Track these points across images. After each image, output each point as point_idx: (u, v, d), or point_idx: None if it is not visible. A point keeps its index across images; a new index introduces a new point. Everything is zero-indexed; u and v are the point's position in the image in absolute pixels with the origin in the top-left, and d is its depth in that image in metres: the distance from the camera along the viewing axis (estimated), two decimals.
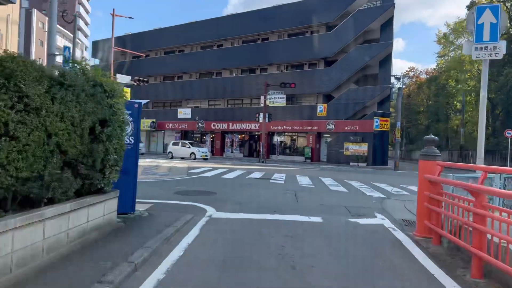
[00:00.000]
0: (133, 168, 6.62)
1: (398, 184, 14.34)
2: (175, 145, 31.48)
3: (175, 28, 43.84)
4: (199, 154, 28.92)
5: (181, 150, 30.30)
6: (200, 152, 29.11)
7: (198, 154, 28.91)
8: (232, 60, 39.32)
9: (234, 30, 39.31)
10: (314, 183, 13.47)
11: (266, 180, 13.61)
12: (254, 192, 10.22)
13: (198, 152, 29.08)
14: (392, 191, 11.94)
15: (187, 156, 29.38)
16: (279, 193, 10.17)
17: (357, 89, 32.10)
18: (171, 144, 32.11)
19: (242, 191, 10.38)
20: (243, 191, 10.37)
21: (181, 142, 31.73)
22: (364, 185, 13.40)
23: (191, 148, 29.83)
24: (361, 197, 10.26)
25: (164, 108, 45.79)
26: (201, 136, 42.20)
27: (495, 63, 34.47)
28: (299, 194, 10.08)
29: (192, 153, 29.26)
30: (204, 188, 10.66)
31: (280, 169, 21.15)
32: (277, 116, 34.35)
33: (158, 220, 6.27)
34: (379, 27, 31.89)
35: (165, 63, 44.53)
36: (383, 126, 31.07)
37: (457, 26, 44.04)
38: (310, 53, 34.54)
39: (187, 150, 29.76)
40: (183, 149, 30.26)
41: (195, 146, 30.66)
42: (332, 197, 10.04)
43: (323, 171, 21.26)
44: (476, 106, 44.56)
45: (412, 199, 10.12)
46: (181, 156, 29.91)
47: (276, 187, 11.75)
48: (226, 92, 39.66)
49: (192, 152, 29.33)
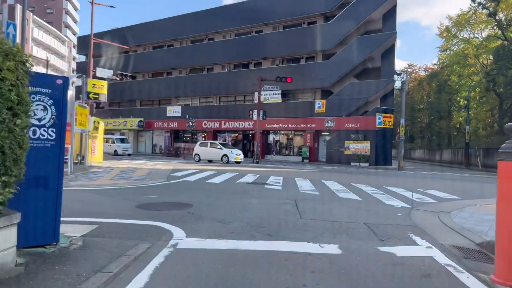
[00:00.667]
0: (54, 176, 4.32)
1: (415, 188, 12.15)
2: (202, 146, 27.76)
3: (164, 22, 41.51)
4: (232, 156, 25.41)
5: (210, 152, 26.85)
6: (233, 154, 25.56)
7: (231, 157, 25.37)
8: (224, 55, 37.07)
9: (226, 22, 37.06)
10: (317, 188, 11.24)
11: (259, 186, 11.35)
12: (244, 203, 7.96)
13: (231, 154, 25.53)
14: (413, 198, 9.75)
15: (218, 158, 26.05)
16: (275, 204, 7.92)
17: (358, 84, 29.95)
18: (198, 145, 28.22)
19: (228, 202, 8.12)
20: (229, 202, 8.11)
21: (210, 143, 27.89)
22: (377, 190, 11.21)
23: (223, 150, 26.30)
24: (380, 208, 8.03)
25: (153, 106, 43.43)
26: (192, 135, 39.90)
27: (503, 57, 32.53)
28: (301, 205, 7.84)
29: (225, 156, 25.71)
30: (180, 198, 8.38)
31: (276, 171, 18.93)
32: (273, 114, 32.13)
33: (92, 256, 4.02)
34: (381, 17, 29.76)
35: (153, 58, 42.22)
36: (386, 123, 28.96)
37: (460, 19, 42.06)
38: (307, 46, 32.38)
39: (218, 152, 26.32)
40: (212, 150, 26.78)
41: (227, 147, 27.26)
42: (344, 208, 7.80)
43: (324, 173, 19.05)
44: (481, 102, 42.66)
45: (445, 208, 7.94)
46: (209, 159, 26.75)
47: (272, 194, 9.49)
48: (218, 89, 37.39)
49: (225, 154, 25.80)
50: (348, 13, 30.07)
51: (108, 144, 37.25)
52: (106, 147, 37.70)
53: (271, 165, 25.72)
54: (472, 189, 12.94)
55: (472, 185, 14.64)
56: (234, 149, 27.60)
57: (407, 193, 10.83)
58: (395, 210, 7.83)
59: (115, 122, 43.49)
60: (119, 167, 17.83)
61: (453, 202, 9.29)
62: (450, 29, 43.39)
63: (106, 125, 44.33)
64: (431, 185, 13.79)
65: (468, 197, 10.27)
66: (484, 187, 13.84)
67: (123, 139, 38.12)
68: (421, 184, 14.13)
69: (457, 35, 43.11)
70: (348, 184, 12.65)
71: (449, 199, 9.88)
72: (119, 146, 36.05)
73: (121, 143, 36.59)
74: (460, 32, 43.19)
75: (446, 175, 21.19)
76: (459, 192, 11.60)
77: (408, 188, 12.04)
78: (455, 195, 10.73)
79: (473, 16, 40.60)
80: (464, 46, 42.34)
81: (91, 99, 18.46)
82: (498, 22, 34.34)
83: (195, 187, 10.50)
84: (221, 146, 26.92)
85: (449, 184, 14.77)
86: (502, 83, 31.91)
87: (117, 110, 45.73)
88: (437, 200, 9.52)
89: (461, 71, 43.54)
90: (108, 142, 37.44)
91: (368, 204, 8.49)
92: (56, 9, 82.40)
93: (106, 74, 25.95)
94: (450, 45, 44.76)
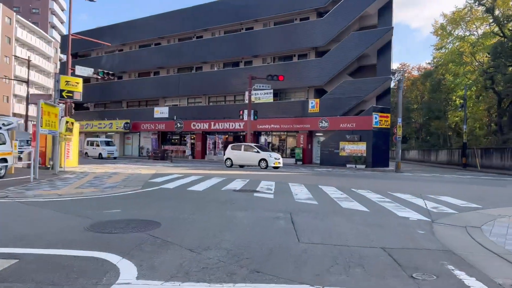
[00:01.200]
0: None
1: (424, 194, 10.75)
2: (235, 150, 24.38)
3: (150, 19, 39.84)
4: (271, 161, 22.34)
5: (244, 156, 23.66)
6: (272, 159, 22.49)
7: (270, 161, 22.33)
8: (213, 53, 35.52)
9: (215, 19, 35.50)
10: (315, 195, 9.76)
11: (248, 194, 9.83)
12: (227, 218, 6.43)
13: (270, 159, 22.44)
14: (428, 207, 8.32)
15: (254, 163, 23.06)
16: (266, 219, 6.40)
17: (353, 82, 28.58)
18: (230, 149, 24.74)
19: (207, 217, 6.56)
20: (208, 217, 6.55)
21: (245, 146, 24.32)
22: (383, 197, 9.77)
23: (260, 153, 23.09)
24: (394, 222, 6.57)
25: (140, 107, 41.67)
26: (181, 137, 38.26)
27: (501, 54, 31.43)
28: (298, 220, 6.34)
29: (263, 160, 22.57)
30: (148, 212, 6.82)
31: (268, 175, 17.44)
32: (264, 114, 30.65)
33: None
34: (376, 12, 28.44)
35: (140, 57, 40.49)
36: (383, 123, 27.63)
37: (455, 16, 40.98)
38: (300, 43, 30.96)
39: (254, 156, 23.20)
40: (247, 154, 23.54)
41: (265, 150, 24.17)
42: (351, 223, 6.31)
43: (320, 176, 17.60)
44: (477, 101, 41.63)
45: (472, 221, 6.52)
46: (243, 164, 23.74)
47: (262, 205, 7.98)
48: (207, 89, 35.80)
49: (263, 158, 22.64)
50: (342, 8, 28.72)
51: (93, 147, 35.46)
52: (90, 150, 35.96)
53: None
54: (487, 194, 11.57)
55: (484, 189, 13.29)
56: (272, 152, 24.72)
57: (417, 200, 9.42)
58: (413, 224, 6.38)
59: (100, 124, 41.68)
60: (95, 172, 16.22)
61: (475, 212, 7.88)
62: (445, 27, 42.29)
63: (91, 127, 42.60)
64: (440, 190, 12.40)
65: (489, 205, 8.89)
66: (498, 192, 12.50)
67: (108, 141, 36.36)
68: (428, 188, 12.74)
69: (452, 33, 42.03)
70: (348, 190, 11.21)
71: (469, 208, 8.47)
72: (104, 149, 34.33)
73: (106, 146, 34.86)
74: (455, 30, 42.12)
75: (449, 178, 19.87)
76: (475, 198, 10.21)
77: (416, 194, 10.65)
78: (473, 202, 9.34)
79: (468, 13, 39.54)
80: (460, 44, 41.26)
81: (64, 98, 16.80)
82: (496, 18, 33.26)
83: (172, 197, 8.95)
84: (258, 149, 23.68)
85: (459, 188, 13.39)
86: (501, 80, 30.77)
87: (103, 111, 43.90)
88: (455, 210, 8.11)
89: (456, 70, 42.43)
90: (92, 145, 35.65)
91: (378, 216, 7.02)
92: (41, 10, 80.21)
93: (86, 73, 24.20)
94: (445, 43, 43.65)
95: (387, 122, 28.01)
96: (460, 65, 41.41)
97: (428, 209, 8.06)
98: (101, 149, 34.43)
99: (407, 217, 7.03)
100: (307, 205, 8.14)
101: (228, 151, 24.75)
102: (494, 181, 17.69)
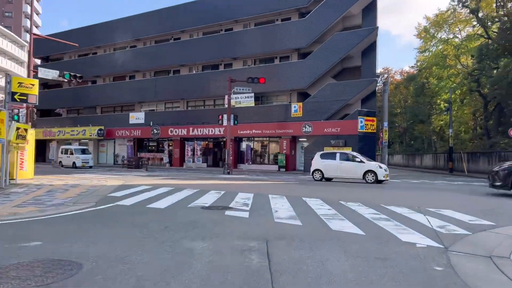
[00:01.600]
0: None
1: (423, 207, 9.38)
2: (327, 159, 19.09)
3: (125, 21, 38.02)
4: (381, 173, 17.72)
5: (341, 166, 18.60)
6: (382, 171, 17.82)
7: (380, 174, 17.69)
8: (192, 55, 33.92)
9: (193, 20, 33.97)
10: (299, 212, 8.25)
11: (218, 212, 8.20)
12: (178, 256, 4.77)
13: (380, 171, 17.75)
14: (433, 227, 6.89)
15: (356, 176, 18.27)
16: (233, 255, 4.79)
17: (337, 84, 27.39)
18: (319, 157, 19.44)
19: (151, 254, 4.82)
20: (153, 254, 4.80)
21: (340, 154, 19.22)
22: (377, 213, 8.33)
23: (365, 164, 18.10)
24: (399, 250, 5.08)
25: (115, 112, 39.64)
26: (158, 144, 36.40)
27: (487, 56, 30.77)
28: (276, 255, 4.78)
29: (370, 173, 17.79)
30: (76, 246, 5.10)
31: (248, 184, 15.89)
32: (245, 119, 29.17)
33: None
34: (360, 12, 27.41)
35: (114, 61, 38.53)
36: (369, 127, 26.46)
37: (438, 19, 40.48)
38: (281, 44, 29.67)
39: (356, 168, 18.19)
40: (345, 165, 18.56)
41: (369, 160, 18.95)
42: (346, 258, 4.77)
43: (304, 186, 16.13)
44: (462, 104, 41.09)
45: (495, 248, 5.09)
46: (340, 176, 18.83)
47: (232, 230, 6.38)
48: (185, 93, 34.12)
49: (370, 170, 17.83)
50: (324, 7, 27.56)
51: (67, 156, 33.11)
52: (65, 159, 33.52)
53: (243, 176, 22.69)
54: (493, 205, 10.26)
55: (486, 199, 12.01)
56: (380, 163, 19.76)
57: (417, 216, 8.00)
58: (424, 255, 4.90)
59: (73, 131, 39.48)
60: (52, 185, 14.35)
61: (492, 233, 6.48)
62: (428, 30, 41.76)
63: (63, 134, 40.29)
64: (438, 201, 11.08)
65: (502, 221, 7.57)
66: (503, 202, 11.22)
67: (84, 149, 34.08)
68: (424, 200, 11.38)
69: (435, 36, 41.51)
70: (336, 203, 9.74)
71: (481, 226, 7.08)
72: (78, 158, 32.03)
73: (81, 154, 32.55)
74: (438, 33, 41.62)
75: (440, 185, 18.70)
76: (482, 211, 8.88)
77: (414, 207, 9.25)
78: (482, 217, 7.99)
79: (451, 15, 39.07)
80: (443, 46, 40.71)
81: (17, 101, 14.90)
82: (480, 19, 32.66)
83: (122, 218, 7.27)
84: (362, 158, 18.49)
85: (457, 198, 12.09)
86: (487, 83, 30.06)
87: (76, 117, 41.67)
88: (466, 229, 6.70)
89: (440, 73, 41.86)
90: (67, 153, 33.32)
91: (378, 243, 5.52)
92: (15, 13, 77.26)
93: (51, 75, 22.29)
94: (429, 46, 43.12)
95: (373, 126, 26.87)
96: (444, 68, 40.87)
97: (434, 229, 6.63)
98: (75, 157, 32.16)
99: (413, 243, 5.56)
100: (289, 227, 6.60)
101: (317, 161, 19.40)
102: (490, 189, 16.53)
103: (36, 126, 43.19)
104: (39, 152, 43.96)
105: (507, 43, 27.28)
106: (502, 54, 29.17)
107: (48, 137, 41.19)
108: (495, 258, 4.86)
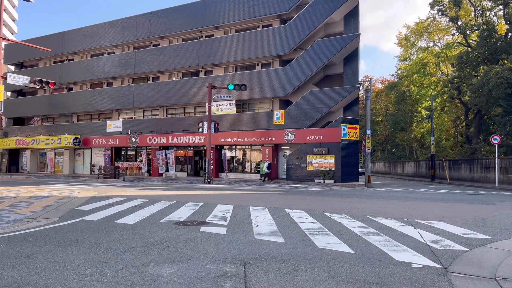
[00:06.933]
0: None
1: (412, 218, 8.89)
2: None
3: (103, 26, 36.98)
4: None
5: None
6: None
7: None
8: (171, 62, 33.14)
9: (172, 26, 33.26)
10: (281, 226, 7.61)
11: (192, 228, 7.46)
12: (138, 286, 4.07)
13: None
14: (427, 241, 6.36)
15: None
16: (205, 283, 4.10)
17: (319, 92, 27.03)
18: None
19: (106, 285, 4.11)
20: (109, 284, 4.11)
21: None
22: (365, 226, 7.77)
23: None
24: (393, 273, 4.48)
25: (92, 120, 38.38)
26: (136, 153, 35.31)
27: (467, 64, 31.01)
28: (254, 282, 4.11)
29: None
30: (14, 279, 4.33)
31: (228, 195, 15.17)
32: (227, 126, 28.51)
33: None
34: (342, 19, 27.24)
35: (91, 67, 37.40)
36: (351, 134, 26.13)
37: (418, 27, 40.87)
38: (263, 51, 29.23)
39: None
40: None
41: None
42: (336, 285, 4.13)
43: (287, 195, 15.51)
44: (443, 112, 41.41)
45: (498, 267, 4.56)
46: None
47: (207, 249, 5.68)
48: (164, 100, 33.26)
49: None
50: (306, 14, 27.29)
51: None
52: None
53: (224, 186, 21.95)
54: (483, 215, 9.85)
55: (474, 208, 11.63)
56: None
57: (408, 229, 7.48)
58: (421, 279, 4.32)
59: (48, 140, 38.00)
60: (18, 197, 13.34)
61: (490, 248, 5.98)
62: (408, 38, 42.11)
63: (37, 143, 38.77)
64: (427, 211, 10.63)
65: (497, 233, 7.15)
66: (492, 211, 10.84)
67: None
68: (412, 210, 10.89)
69: (415, 44, 41.87)
70: (321, 216, 9.15)
71: (476, 240, 6.60)
72: None
73: None
74: (419, 41, 41.99)
75: (425, 193, 18.40)
76: (474, 223, 8.44)
77: (403, 219, 8.75)
78: (476, 229, 7.54)
79: (431, 24, 39.48)
80: (423, 55, 41.07)
81: None
82: (460, 27, 33.00)
83: (83, 237, 6.47)
84: None
85: (446, 208, 11.66)
86: (468, 90, 30.26)
87: (51, 126, 40.17)
88: (462, 244, 6.20)
89: (421, 81, 42.18)
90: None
91: (369, 264, 4.92)
92: None
93: (21, 82, 21.04)
94: (410, 54, 43.46)
95: (356, 134, 26.56)
96: (425, 76, 41.19)
97: (428, 245, 6.09)
98: None
99: (408, 263, 4.98)
100: (270, 245, 5.94)
101: None
102: (476, 197, 16.28)
103: (8, 134, 41.50)
104: (12, 162, 42.23)
105: (487, 51, 27.54)
106: (482, 62, 29.45)
107: (22, 146, 39.56)
108: (501, 281, 4.33)
